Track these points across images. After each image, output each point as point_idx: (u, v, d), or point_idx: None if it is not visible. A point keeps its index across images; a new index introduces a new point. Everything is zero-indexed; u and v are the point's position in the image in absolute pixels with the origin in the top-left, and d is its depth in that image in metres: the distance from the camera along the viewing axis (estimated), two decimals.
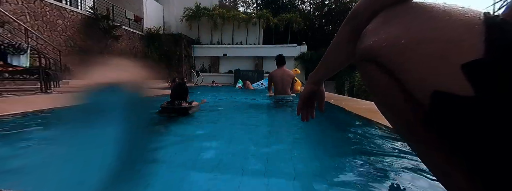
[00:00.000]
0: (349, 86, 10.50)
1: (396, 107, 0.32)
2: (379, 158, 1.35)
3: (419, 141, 0.33)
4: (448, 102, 0.25)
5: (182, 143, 1.67)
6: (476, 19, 0.27)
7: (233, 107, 3.78)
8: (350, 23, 0.44)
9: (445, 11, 0.28)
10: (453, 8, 0.29)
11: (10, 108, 2.32)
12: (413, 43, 0.28)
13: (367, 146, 1.62)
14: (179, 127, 2.14)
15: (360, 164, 1.28)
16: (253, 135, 1.99)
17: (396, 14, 0.33)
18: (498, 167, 0.24)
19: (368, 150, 1.53)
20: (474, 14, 0.27)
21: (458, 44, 0.26)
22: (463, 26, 0.26)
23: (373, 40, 0.32)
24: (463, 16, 0.27)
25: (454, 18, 0.27)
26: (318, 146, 1.73)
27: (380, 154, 1.43)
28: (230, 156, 1.41)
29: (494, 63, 0.24)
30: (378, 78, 0.33)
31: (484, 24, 0.26)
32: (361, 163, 1.30)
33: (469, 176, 0.27)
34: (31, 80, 4.38)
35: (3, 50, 3.79)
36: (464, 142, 0.26)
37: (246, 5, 21.70)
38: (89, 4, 8.81)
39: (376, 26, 0.34)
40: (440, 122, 0.27)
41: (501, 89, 0.23)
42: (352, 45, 0.44)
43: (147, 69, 0.91)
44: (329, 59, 0.55)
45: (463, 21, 0.27)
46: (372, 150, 1.54)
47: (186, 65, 13.22)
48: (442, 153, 0.29)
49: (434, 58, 0.26)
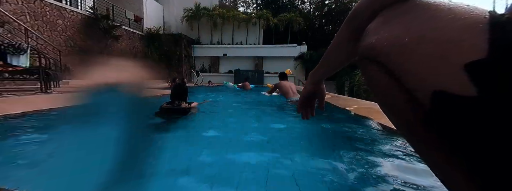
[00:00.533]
0: (349, 86, 10.51)
1: (396, 107, 0.32)
2: (381, 158, 1.35)
3: (419, 141, 0.33)
4: (449, 102, 0.25)
5: (180, 144, 1.67)
6: (481, 18, 0.26)
7: (234, 108, 3.78)
8: (350, 22, 0.44)
9: (450, 9, 0.28)
10: (458, 6, 0.28)
11: (10, 108, 2.32)
12: (413, 43, 0.28)
13: (370, 147, 1.62)
14: (177, 128, 2.13)
15: (369, 169, 1.28)
16: (254, 137, 1.99)
17: (397, 13, 0.32)
18: (499, 167, 0.24)
19: (373, 152, 1.52)
20: (480, 12, 0.27)
21: (458, 44, 0.25)
22: (466, 25, 0.26)
23: (374, 40, 0.32)
24: (468, 14, 0.27)
25: (457, 17, 0.27)
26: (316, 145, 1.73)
27: (381, 154, 1.43)
28: (228, 157, 1.40)
29: (495, 63, 0.23)
30: (378, 78, 0.33)
31: (489, 23, 0.25)
32: (370, 168, 1.30)
33: (469, 176, 0.27)
34: (31, 80, 4.38)
35: (3, 50, 3.79)
36: (464, 142, 0.26)
37: (246, 5, 21.72)
38: (89, 4, 8.80)
39: (377, 25, 0.34)
40: (440, 122, 0.27)
41: (500, 89, 0.23)
42: (352, 45, 0.44)
43: (147, 69, 0.91)
44: (329, 58, 0.54)
45: (466, 20, 0.26)
46: (374, 150, 1.53)
47: (186, 65, 13.22)
48: (442, 153, 0.29)
49: (434, 58, 0.26)
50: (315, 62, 0.60)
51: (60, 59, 5.72)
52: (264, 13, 14.01)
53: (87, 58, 7.35)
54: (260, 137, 1.95)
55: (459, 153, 0.26)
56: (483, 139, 0.24)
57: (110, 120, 0.84)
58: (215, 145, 1.68)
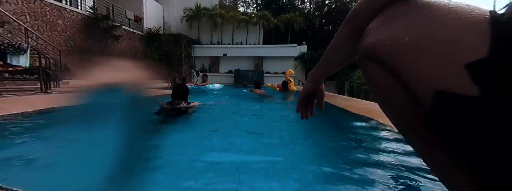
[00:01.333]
0: (349, 86, 10.50)
1: (396, 106, 0.32)
2: (379, 157, 1.35)
3: (419, 141, 0.33)
4: (450, 102, 0.25)
5: (178, 145, 1.67)
6: (482, 18, 0.26)
7: (236, 109, 3.78)
8: (350, 22, 0.44)
9: (450, 9, 0.28)
10: (458, 6, 0.28)
11: (10, 108, 2.32)
12: (413, 42, 0.28)
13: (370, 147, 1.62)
14: (177, 128, 2.13)
15: (367, 172, 1.28)
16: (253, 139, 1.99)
17: (397, 13, 0.32)
18: (499, 167, 0.24)
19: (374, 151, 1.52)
20: (480, 12, 0.27)
21: (459, 44, 0.25)
22: (466, 25, 0.26)
23: (375, 39, 0.32)
24: (468, 14, 0.27)
25: (458, 17, 0.27)
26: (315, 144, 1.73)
27: (381, 153, 1.42)
28: (227, 160, 1.40)
29: (496, 63, 0.23)
30: (378, 78, 0.33)
31: (490, 23, 0.25)
32: (368, 170, 1.30)
33: (470, 176, 0.27)
34: (31, 80, 4.38)
35: (3, 50, 3.78)
36: (465, 141, 0.26)
37: (246, 5, 21.71)
38: (89, 4, 8.80)
39: (377, 25, 0.34)
40: (441, 122, 0.27)
41: (501, 89, 0.23)
42: (352, 45, 0.43)
43: (147, 69, 0.91)
44: (329, 58, 0.54)
45: (467, 20, 0.26)
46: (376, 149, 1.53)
47: (186, 65, 13.21)
48: (442, 153, 0.29)
49: (435, 58, 0.26)
50: (315, 62, 0.60)
51: (60, 59, 5.72)
52: (264, 13, 14.01)
53: (87, 58, 7.35)
54: (258, 136, 1.95)
55: (460, 153, 0.26)
56: (484, 138, 0.24)
57: (110, 120, 0.84)
58: (213, 145, 1.68)
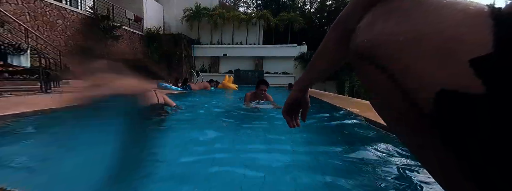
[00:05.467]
0: (349, 86, 10.50)
1: (393, 107, 0.32)
2: (381, 160, 1.35)
3: (417, 141, 0.32)
4: (453, 100, 0.24)
5: (177, 146, 1.66)
6: (481, 12, 0.25)
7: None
8: (338, 26, 0.43)
9: (446, 3, 0.27)
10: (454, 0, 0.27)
11: (10, 108, 2.32)
12: (409, 40, 0.27)
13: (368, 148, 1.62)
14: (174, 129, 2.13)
15: (367, 172, 1.28)
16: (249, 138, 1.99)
17: (390, 8, 0.31)
18: (500, 167, 0.24)
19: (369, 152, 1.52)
20: (478, 6, 0.26)
21: (460, 39, 0.24)
22: (466, 19, 0.25)
23: (368, 38, 0.31)
24: (467, 8, 0.26)
25: (456, 11, 0.26)
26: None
27: (380, 154, 1.42)
28: (227, 160, 1.40)
29: (500, 58, 0.23)
30: (373, 78, 0.32)
31: (490, 17, 0.24)
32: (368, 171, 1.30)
33: (470, 176, 0.26)
34: (31, 80, 4.37)
35: (3, 50, 3.78)
36: (470, 142, 0.25)
37: (246, 5, 21.70)
38: (89, 4, 8.79)
39: (368, 23, 0.33)
40: (444, 122, 0.26)
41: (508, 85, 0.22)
42: (340, 51, 0.43)
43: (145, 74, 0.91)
44: (316, 65, 0.54)
45: (466, 15, 0.25)
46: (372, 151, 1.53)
47: (186, 65, 13.20)
48: (441, 153, 0.28)
49: (434, 55, 0.25)
50: None
51: (60, 59, 5.71)
52: (264, 13, 13.98)
53: (87, 58, 7.33)
54: (256, 135, 1.95)
55: (460, 153, 0.26)
56: (492, 138, 0.23)
57: (110, 120, 0.84)
58: (212, 147, 1.68)
